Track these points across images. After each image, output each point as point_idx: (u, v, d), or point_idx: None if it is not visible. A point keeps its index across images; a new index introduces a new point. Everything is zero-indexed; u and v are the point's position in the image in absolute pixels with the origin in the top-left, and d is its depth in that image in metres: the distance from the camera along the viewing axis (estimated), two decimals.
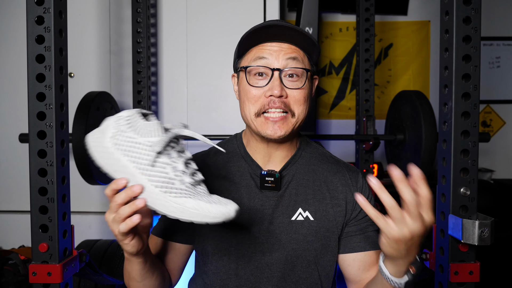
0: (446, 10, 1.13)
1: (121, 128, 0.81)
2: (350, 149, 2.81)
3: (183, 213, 0.77)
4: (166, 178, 0.79)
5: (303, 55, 1.01)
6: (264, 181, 1.03)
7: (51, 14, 1.11)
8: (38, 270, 1.12)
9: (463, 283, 1.14)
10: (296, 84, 0.99)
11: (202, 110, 2.44)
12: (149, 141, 0.79)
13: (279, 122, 0.98)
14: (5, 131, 2.40)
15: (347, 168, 1.11)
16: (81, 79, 2.40)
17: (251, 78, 1.00)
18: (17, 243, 2.35)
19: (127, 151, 0.80)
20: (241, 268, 1.02)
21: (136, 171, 0.79)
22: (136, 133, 0.80)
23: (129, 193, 0.77)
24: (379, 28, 2.91)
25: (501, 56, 3.10)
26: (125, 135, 0.80)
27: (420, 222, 0.75)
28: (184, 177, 0.80)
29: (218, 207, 0.77)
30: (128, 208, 0.77)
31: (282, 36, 0.98)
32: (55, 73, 1.13)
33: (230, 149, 1.12)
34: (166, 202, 0.78)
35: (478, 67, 1.10)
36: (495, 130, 3.14)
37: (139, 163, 0.79)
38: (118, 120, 0.82)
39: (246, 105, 1.01)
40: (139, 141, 0.79)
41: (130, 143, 0.80)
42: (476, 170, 1.12)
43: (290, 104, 0.98)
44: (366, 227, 1.05)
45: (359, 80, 2.43)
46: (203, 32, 2.43)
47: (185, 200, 0.77)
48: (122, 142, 0.80)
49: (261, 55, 0.99)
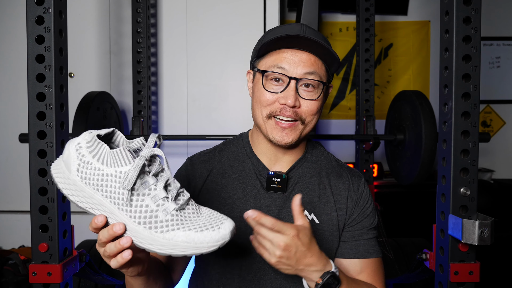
0: (446, 10, 1.13)
1: (84, 159, 0.72)
2: (350, 149, 2.82)
3: (174, 249, 0.71)
4: (148, 212, 0.71)
5: (321, 66, 1.00)
6: (270, 181, 1.03)
7: (51, 14, 1.11)
8: (38, 270, 1.12)
9: (463, 283, 1.14)
10: (311, 95, 0.99)
11: (202, 110, 2.44)
12: (119, 171, 0.71)
13: (287, 129, 0.99)
14: (5, 131, 2.40)
15: (350, 172, 1.12)
16: (81, 79, 2.40)
17: (267, 83, 1.00)
18: (17, 243, 2.36)
19: (98, 185, 0.71)
20: (245, 269, 1.02)
21: (114, 207, 0.72)
22: (103, 162, 0.71)
23: (111, 233, 0.72)
24: (379, 28, 2.91)
25: (501, 56, 3.11)
26: (91, 166, 0.72)
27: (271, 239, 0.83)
28: (167, 204, 0.72)
29: (211, 234, 0.71)
30: (114, 247, 0.72)
31: (304, 44, 0.97)
32: (55, 73, 1.13)
33: (235, 149, 1.11)
34: (153, 240, 0.71)
35: (478, 67, 1.10)
36: (495, 130, 3.14)
37: (114, 197, 0.71)
38: (79, 149, 0.73)
39: (258, 107, 1.02)
40: (108, 171, 0.71)
41: (99, 176, 0.71)
42: (476, 170, 1.12)
43: (301, 114, 0.99)
44: (359, 235, 1.05)
45: (359, 80, 2.43)
46: (203, 32, 2.43)
47: (173, 234, 0.70)
48: (89, 175, 0.72)
49: (280, 64, 0.98)
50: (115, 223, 0.72)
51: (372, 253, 1.05)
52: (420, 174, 1.94)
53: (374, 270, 1.04)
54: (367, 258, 1.03)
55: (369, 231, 1.06)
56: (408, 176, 2.06)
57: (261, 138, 1.07)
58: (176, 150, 2.46)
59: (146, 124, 2.31)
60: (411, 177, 2.02)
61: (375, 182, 2.71)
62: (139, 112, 2.31)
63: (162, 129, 2.47)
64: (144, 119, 2.30)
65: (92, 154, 0.72)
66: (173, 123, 2.46)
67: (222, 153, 1.11)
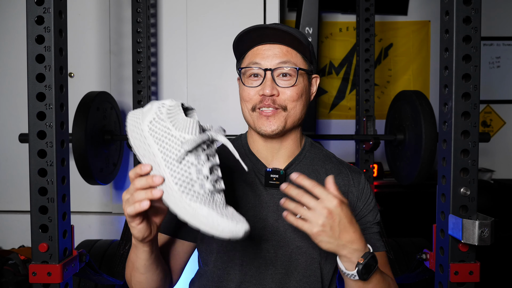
0: (446, 10, 1.13)
1: (161, 116, 0.81)
2: (350, 149, 2.81)
3: (193, 217, 0.76)
4: (188, 179, 0.78)
5: (296, 55, 1.04)
6: (268, 178, 1.05)
7: (51, 14, 1.11)
8: (38, 270, 1.12)
9: (463, 283, 1.14)
10: (288, 82, 1.02)
11: (202, 110, 2.44)
12: (183, 136, 0.79)
13: (271, 116, 1.02)
14: (5, 131, 2.40)
15: (350, 169, 1.13)
16: (81, 79, 2.40)
17: (246, 80, 1.05)
18: (17, 243, 2.36)
19: (160, 140, 0.80)
20: (246, 264, 1.03)
21: (163, 162, 0.79)
22: (174, 125, 0.80)
23: (149, 181, 0.78)
24: (379, 28, 2.91)
25: (501, 56, 3.11)
26: (163, 124, 0.80)
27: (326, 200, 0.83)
28: (205, 182, 0.79)
29: (229, 223, 0.76)
30: (144, 195, 0.77)
31: (273, 37, 1.02)
32: (55, 73, 1.13)
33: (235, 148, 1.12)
34: (180, 201, 0.77)
35: (478, 67, 1.10)
36: (495, 130, 3.14)
37: (167, 155, 0.79)
38: (161, 107, 0.82)
39: (243, 104, 1.06)
40: (174, 133, 0.80)
41: (165, 133, 0.80)
42: (476, 170, 1.12)
43: (282, 101, 1.02)
44: (364, 229, 1.05)
45: (359, 80, 2.43)
46: (203, 32, 2.43)
47: (199, 205, 0.77)
48: (158, 130, 0.80)
49: (255, 60, 1.03)
50: (156, 174, 0.78)
51: (379, 247, 1.06)
52: (420, 174, 1.94)
53: (383, 263, 1.05)
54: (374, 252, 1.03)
55: (373, 226, 1.08)
56: (408, 176, 2.06)
57: (255, 136, 1.10)
58: None
59: None
60: (411, 177, 2.02)
61: (375, 182, 2.71)
62: None
63: None
64: None
65: (169, 116, 0.81)
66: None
67: (222, 153, 1.12)
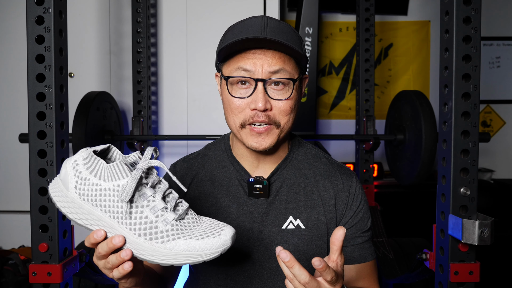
0: (446, 10, 1.13)
1: (82, 176, 0.72)
2: (350, 149, 2.82)
3: (175, 257, 0.71)
4: (147, 224, 0.71)
5: (289, 61, 0.92)
6: (252, 188, 0.98)
7: (51, 14, 1.11)
8: (38, 270, 1.12)
9: (463, 283, 1.14)
10: (281, 93, 0.92)
11: (202, 110, 2.44)
12: (117, 184, 0.71)
13: (263, 133, 0.92)
14: (5, 131, 2.40)
15: (341, 171, 1.05)
16: (81, 79, 2.40)
17: (233, 88, 0.93)
18: (17, 243, 2.36)
19: (96, 201, 0.72)
20: (231, 278, 0.98)
21: (113, 221, 0.72)
22: (100, 177, 0.72)
23: (111, 246, 0.71)
24: (379, 28, 2.91)
25: (501, 56, 3.11)
26: (89, 182, 0.72)
27: None
28: (166, 215, 0.72)
29: (212, 241, 0.71)
30: (115, 260, 0.72)
31: (266, 44, 0.89)
32: (55, 73, 1.13)
33: (218, 153, 1.07)
34: (153, 250, 0.71)
35: (478, 67, 1.10)
36: (495, 130, 3.14)
37: (113, 211, 0.72)
38: (76, 166, 0.73)
39: (230, 115, 0.95)
40: (105, 186, 0.71)
41: (97, 191, 0.72)
42: (476, 170, 1.12)
43: (275, 116, 0.92)
44: (353, 239, 1.01)
45: (359, 80, 2.43)
46: (203, 32, 2.43)
47: (174, 243, 0.71)
48: (88, 191, 0.72)
49: (244, 66, 0.90)
50: (114, 235, 0.71)
51: (367, 257, 1.01)
52: (420, 174, 1.94)
53: (369, 272, 1.02)
54: (354, 264, 1.00)
55: (363, 234, 1.02)
56: (408, 176, 2.06)
57: (240, 143, 1.00)
58: (176, 150, 2.46)
59: (146, 124, 2.31)
60: (411, 177, 2.02)
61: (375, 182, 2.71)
62: (139, 112, 2.31)
63: (162, 129, 2.47)
64: (144, 119, 2.30)
65: (89, 170, 0.72)
66: (173, 123, 2.46)
67: (205, 159, 1.08)
